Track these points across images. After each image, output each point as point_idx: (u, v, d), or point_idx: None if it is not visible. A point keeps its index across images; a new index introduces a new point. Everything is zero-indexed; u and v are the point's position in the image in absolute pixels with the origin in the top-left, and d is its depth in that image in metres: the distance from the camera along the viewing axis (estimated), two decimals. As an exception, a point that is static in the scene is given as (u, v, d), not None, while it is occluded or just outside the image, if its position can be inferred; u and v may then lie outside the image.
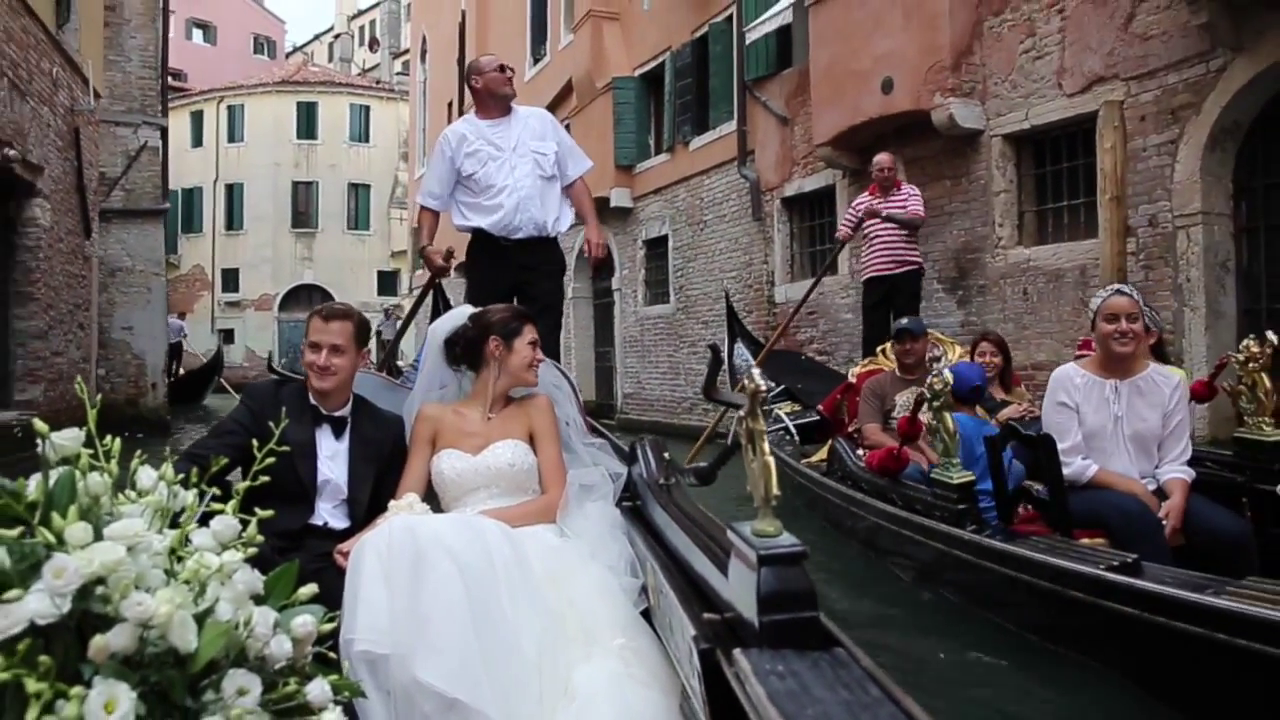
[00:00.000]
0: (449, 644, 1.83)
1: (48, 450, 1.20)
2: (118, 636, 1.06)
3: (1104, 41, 7.27)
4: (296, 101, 37.81)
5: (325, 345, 2.61)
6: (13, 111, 9.30)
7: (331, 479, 2.60)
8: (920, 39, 8.44)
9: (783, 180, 11.10)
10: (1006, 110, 8.12)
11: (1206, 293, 6.64)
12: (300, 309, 37.20)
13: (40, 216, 10.35)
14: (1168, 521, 3.38)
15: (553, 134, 4.33)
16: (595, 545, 2.34)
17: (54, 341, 10.91)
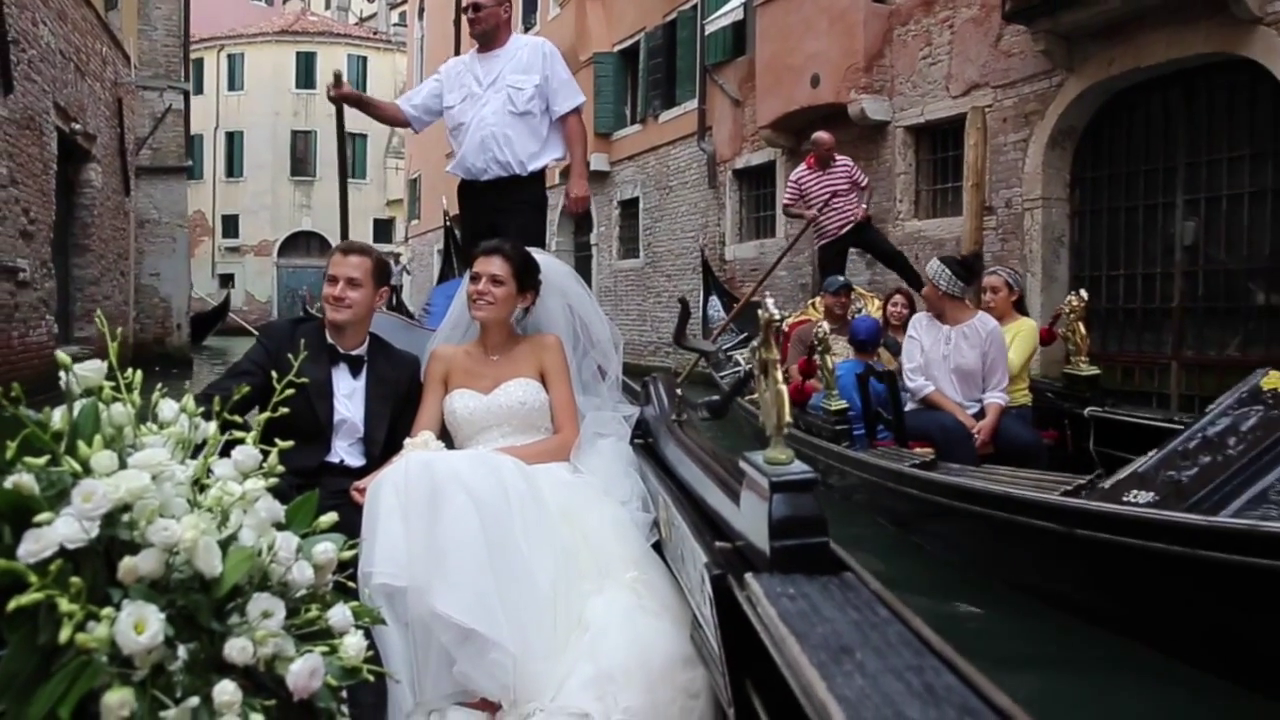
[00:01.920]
0: (465, 577, 1.86)
1: (71, 381, 1.23)
2: (145, 560, 1.10)
3: (980, 54, 8.98)
4: (295, 51, 38.71)
5: (342, 278, 2.62)
6: (76, 90, 10.96)
7: (348, 417, 2.60)
8: (841, 43, 10.14)
9: (734, 154, 12.83)
10: (908, 106, 9.85)
11: (1044, 261, 8.45)
12: (299, 255, 38.56)
13: (94, 179, 12.05)
14: (979, 435, 4.74)
15: (540, 66, 4.00)
16: (608, 481, 2.37)
17: (104, 287, 12.67)
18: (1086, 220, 8.50)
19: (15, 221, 8.85)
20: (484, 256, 2.66)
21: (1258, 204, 7.12)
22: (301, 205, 38.81)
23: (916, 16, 9.73)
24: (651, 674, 1.81)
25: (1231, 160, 7.31)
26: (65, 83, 10.56)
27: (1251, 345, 7.17)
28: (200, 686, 1.09)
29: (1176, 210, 7.76)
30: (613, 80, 15.84)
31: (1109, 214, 8.31)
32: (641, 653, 1.83)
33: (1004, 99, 8.75)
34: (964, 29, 9.16)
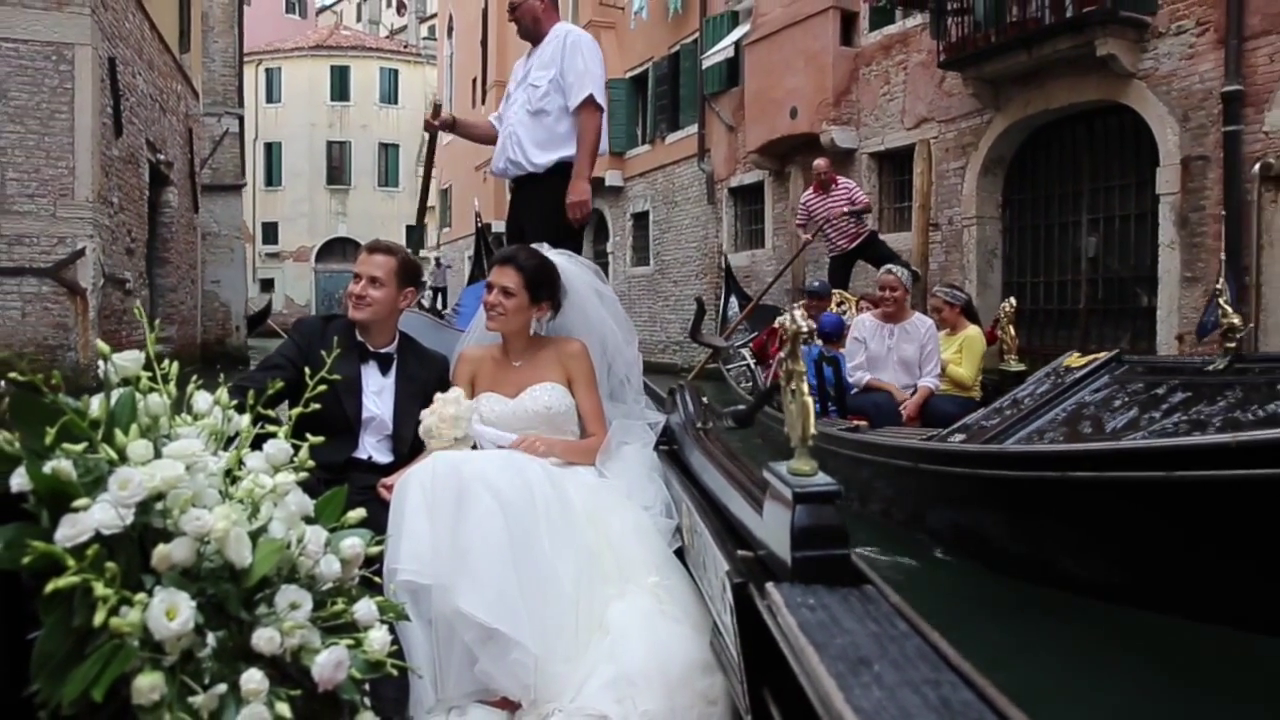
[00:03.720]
0: (489, 577, 1.89)
1: (110, 371, 1.26)
2: (178, 549, 1.12)
3: (927, 93, 10.58)
4: (330, 65, 40.28)
5: (365, 276, 2.62)
6: (160, 126, 12.80)
7: (376, 414, 2.61)
8: (814, 81, 11.77)
9: (729, 174, 14.49)
10: (871, 135, 11.46)
11: (979, 270, 10.04)
12: (335, 260, 40.34)
13: (172, 200, 13.91)
14: (905, 409, 5.49)
15: (559, 60, 3.82)
16: (632, 486, 2.36)
17: (180, 294, 14.52)
18: (1014, 235, 10.08)
19: (123, 241, 10.69)
20: (498, 266, 2.63)
21: (1140, 223, 8.68)
22: (337, 213, 40.32)
23: (878, 59, 11.34)
24: (671, 679, 1.82)
25: (1122, 187, 8.89)
26: (153, 120, 12.40)
27: (1139, 339, 8.71)
28: (228, 674, 1.11)
29: (1083, 228, 9.34)
30: (625, 104, 17.50)
31: (1032, 230, 9.90)
32: (661, 657, 1.85)
33: (946, 132, 10.35)
34: (915, 71, 10.76)
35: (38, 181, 9.37)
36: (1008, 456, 3.91)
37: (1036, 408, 4.37)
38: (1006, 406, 4.58)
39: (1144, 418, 3.90)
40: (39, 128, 9.35)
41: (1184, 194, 7.92)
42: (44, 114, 9.37)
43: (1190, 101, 7.85)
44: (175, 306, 14.10)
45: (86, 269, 9.44)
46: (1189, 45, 7.85)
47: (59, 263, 9.32)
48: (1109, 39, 8.07)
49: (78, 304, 9.43)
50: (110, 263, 10.13)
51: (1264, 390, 3.62)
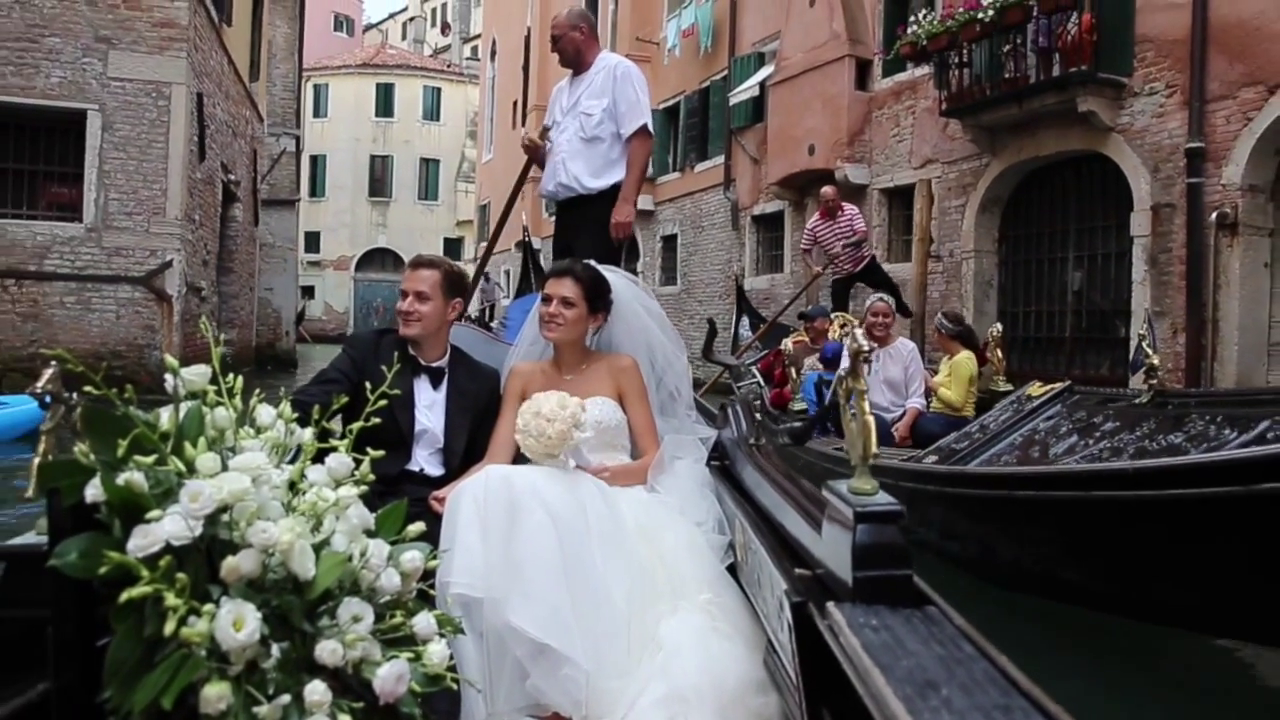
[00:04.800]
0: (541, 591, 1.90)
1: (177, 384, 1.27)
2: (245, 560, 1.14)
3: (932, 137, 11.57)
4: (376, 82, 41.76)
5: (411, 292, 2.64)
6: (232, 149, 14.06)
7: (429, 428, 2.63)
8: (830, 121, 12.79)
9: (752, 203, 15.54)
10: (882, 173, 12.46)
11: (975, 299, 10.99)
12: (374, 270, 41.70)
13: (238, 215, 15.17)
14: (897, 430, 5.78)
15: (612, 89, 4.04)
16: (684, 502, 2.34)
17: (241, 301, 15.77)
18: (1009, 268, 11.03)
19: (201, 253, 11.91)
20: (555, 278, 2.64)
21: (1119, 261, 9.61)
22: (378, 224, 41.66)
23: (889, 103, 12.35)
24: (724, 697, 1.81)
25: (1104, 228, 9.82)
26: (227, 144, 13.66)
27: (1116, 365, 9.62)
28: (291, 685, 1.13)
29: (1069, 263, 10.28)
30: (658, 133, 18.47)
31: (1025, 264, 10.84)
32: (714, 675, 1.84)
33: (949, 173, 11.33)
34: (922, 116, 11.75)
35: (135, 201, 10.60)
36: (967, 476, 4.33)
37: (999, 432, 4.84)
38: (975, 431, 5.06)
39: (1080, 443, 4.40)
40: (138, 155, 10.59)
41: (1154, 237, 8.85)
42: (143, 143, 10.61)
43: (1160, 155, 8.79)
44: (236, 312, 15.32)
45: (173, 278, 10.65)
46: (1159, 105, 8.80)
47: (150, 272, 10.54)
48: (1089, 96, 9.03)
49: (164, 309, 10.64)
50: (191, 273, 11.34)
51: (1171, 423, 4.09)
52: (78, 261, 10.50)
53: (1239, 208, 8.06)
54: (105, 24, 10.58)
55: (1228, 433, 3.83)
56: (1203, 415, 4.04)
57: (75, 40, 10.52)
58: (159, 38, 10.70)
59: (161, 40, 10.71)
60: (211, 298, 12.73)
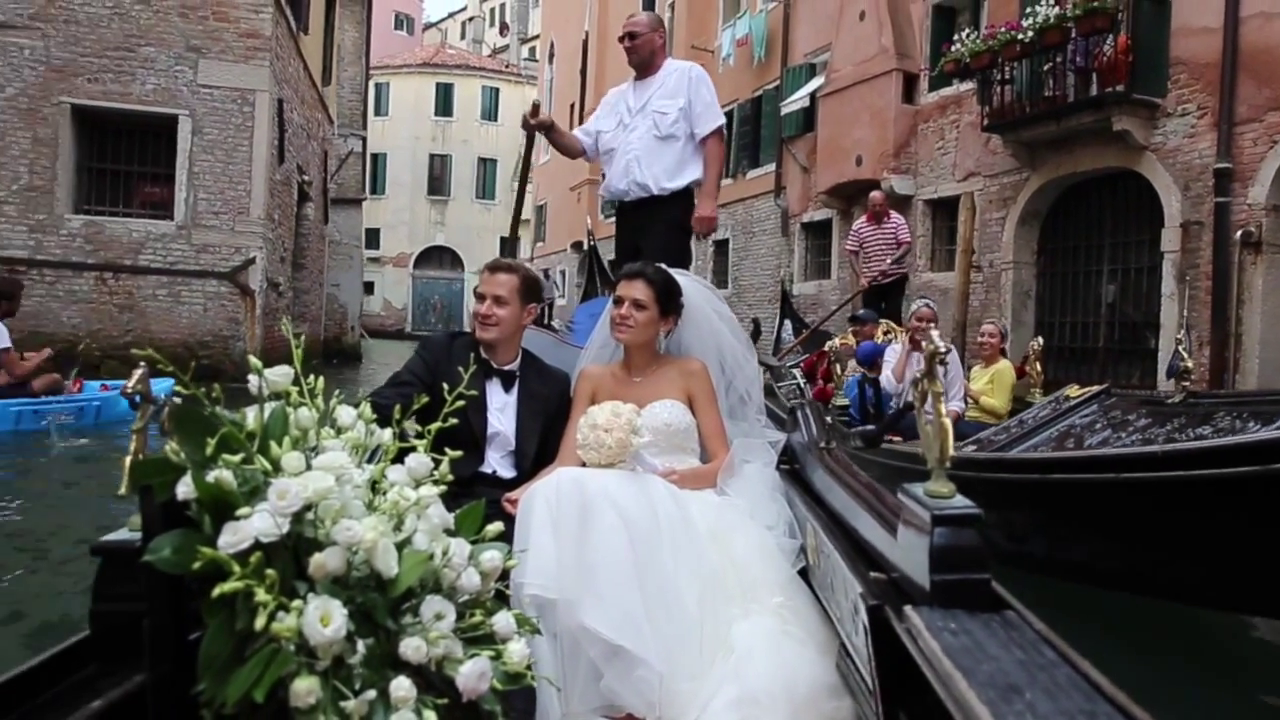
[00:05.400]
0: (614, 593, 1.92)
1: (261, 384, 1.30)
2: (331, 558, 1.16)
3: (975, 150, 11.98)
4: (436, 82, 42.62)
5: (489, 296, 2.68)
6: (306, 151, 14.88)
7: (501, 430, 2.67)
8: (877, 133, 13.24)
9: (802, 210, 16.02)
10: (926, 184, 12.88)
11: (1013, 310, 11.38)
12: (432, 267, 42.58)
13: (310, 214, 16.00)
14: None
15: (686, 90, 4.11)
16: (755, 506, 2.35)
17: (311, 296, 16.61)
18: (1047, 280, 11.41)
19: (279, 250, 12.72)
20: (627, 280, 2.66)
21: (1151, 275, 9.96)
22: (436, 222, 42.48)
23: (934, 116, 12.78)
24: (796, 700, 1.82)
25: (1137, 243, 10.17)
26: (302, 146, 14.48)
27: (1147, 376, 9.97)
28: (377, 681, 1.15)
29: (1104, 276, 10.64)
30: (711, 139, 19.11)
31: (1061, 276, 11.22)
32: (787, 678, 1.85)
33: (990, 185, 11.74)
34: (965, 130, 12.16)
35: (221, 201, 11.43)
36: (1006, 462, 4.49)
37: (1036, 427, 5.07)
38: (1013, 425, 5.32)
39: (1113, 437, 4.66)
40: (224, 158, 11.41)
41: (1183, 253, 9.21)
42: (229, 146, 11.43)
43: (1190, 174, 9.15)
44: (307, 307, 16.17)
45: (256, 274, 11.46)
46: (1191, 126, 9.16)
47: (235, 268, 11.35)
48: (1124, 116, 9.41)
49: (247, 303, 11.45)
50: (271, 269, 12.14)
51: (1200, 419, 4.35)
52: (169, 257, 11.35)
53: (1263, 227, 8.40)
54: (196, 34, 11.41)
55: (1253, 425, 4.02)
56: (1230, 412, 4.27)
57: (168, 49, 11.37)
58: (244, 47, 11.51)
59: (247, 50, 11.52)
60: (287, 293, 13.55)
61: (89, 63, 11.17)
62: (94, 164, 11.63)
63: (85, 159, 11.55)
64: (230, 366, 10.68)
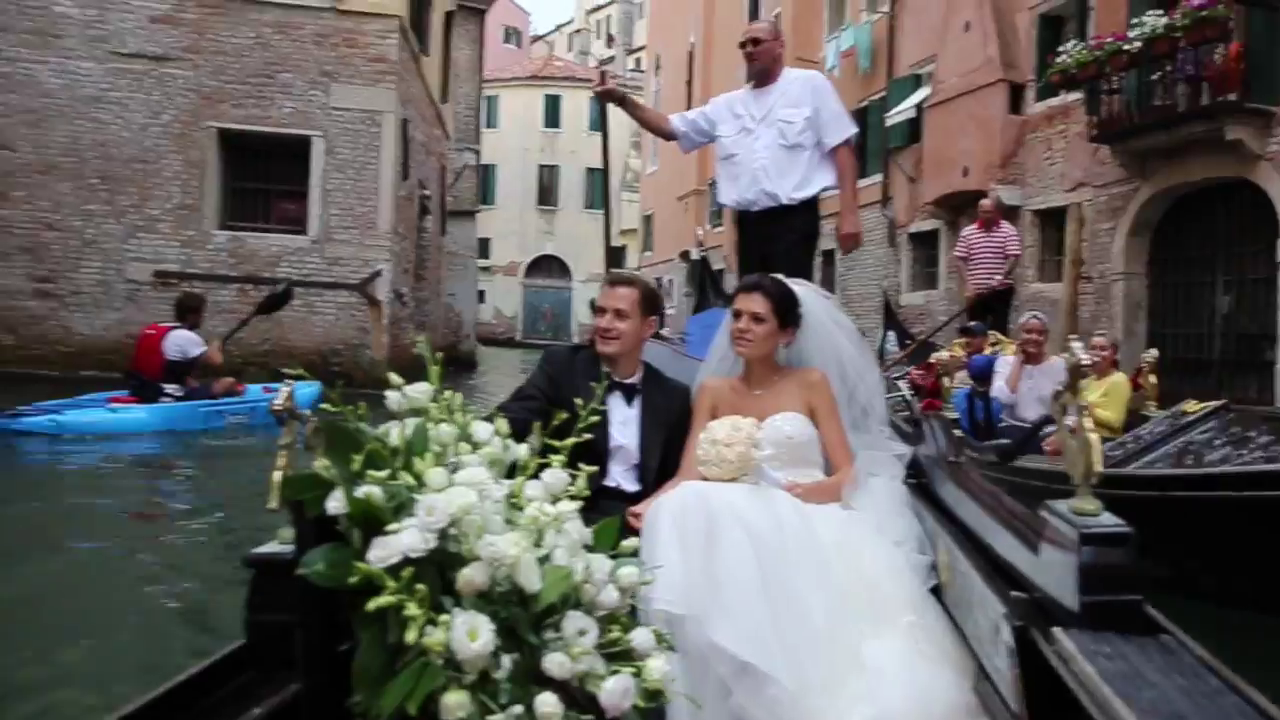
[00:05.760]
0: (741, 609, 1.89)
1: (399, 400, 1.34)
2: (477, 573, 1.17)
3: (1083, 160, 11.91)
4: (544, 94, 43.62)
5: (610, 309, 2.68)
6: (425, 166, 15.67)
7: (623, 444, 2.67)
8: (983, 144, 13.26)
9: (909, 221, 16.07)
10: (1034, 194, 12.84)
11: (1124, 321, 11.28)
12: (541, 276, 43.49)
13: (429, 226, 16.81)
14: (1049, 443, 5.58)
15: (811, 99, 4.05)
16: (882, 521, 2.31)
17: (430, 305, 17.41)
18: (1159, 291, 11.28)
19: (404, 262, 13.48)
20: (745, 293, 2.65)
21: (1269, 286, 9.77)
22: (545, 232, 43.38)
23: (1042, 126, 12.73)
24: None
25: (1252, 253, 10.00)
26: (422, 162, 15.27)
27: (1264, 390, 9.80)
28: (522, 696, 1.16)
29: (1218, 287, 10.48)
30: (816, 149, 19.27)
31: (1173, 287, 11.08)
32: (921, 700, 1.82)
33: (1099, 196, 11.66)
34: (1073, 140, 12.10)
35: (351, 217, 12.23)
36: (1125, 478, 4.45)
37: (1153, 443, 5.05)
38: (1129, 441, 5.30)
39: (1235, 454, 4.61)
40: (354, 175, 12.21)
41: (1299, 264, 9.05)
42: (358, 165, 12.22)
43: (1308, 183, 9.00)
44: (427, 316, 16.97)
45: (383, 285, 12.22)
46: (1309, 135, 9.01)
47: (363, 280, 12.12)
48: (1237, 125, 9.30)
49: (374, 313, 12.21)
50: (396, 280, 12.88)
51: None
52: (303, 269, 12.19)
53: (1384, 237, 8.23)
54: (329, 60, 12.24)
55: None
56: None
57: (304, 75, 12.23)
58: (373, 71, 12.29)
59: (375, 74, 12.29)
60: (410, 303, 14.32)
61: (234, 89, 12.11)
62: (237, 183, 12.56)
63: (229, 179, 12.48)
64: (359, 373, 11.42)
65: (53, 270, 11.88)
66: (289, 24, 12.15)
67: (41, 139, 11.79)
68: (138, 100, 11.94)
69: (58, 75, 11.78)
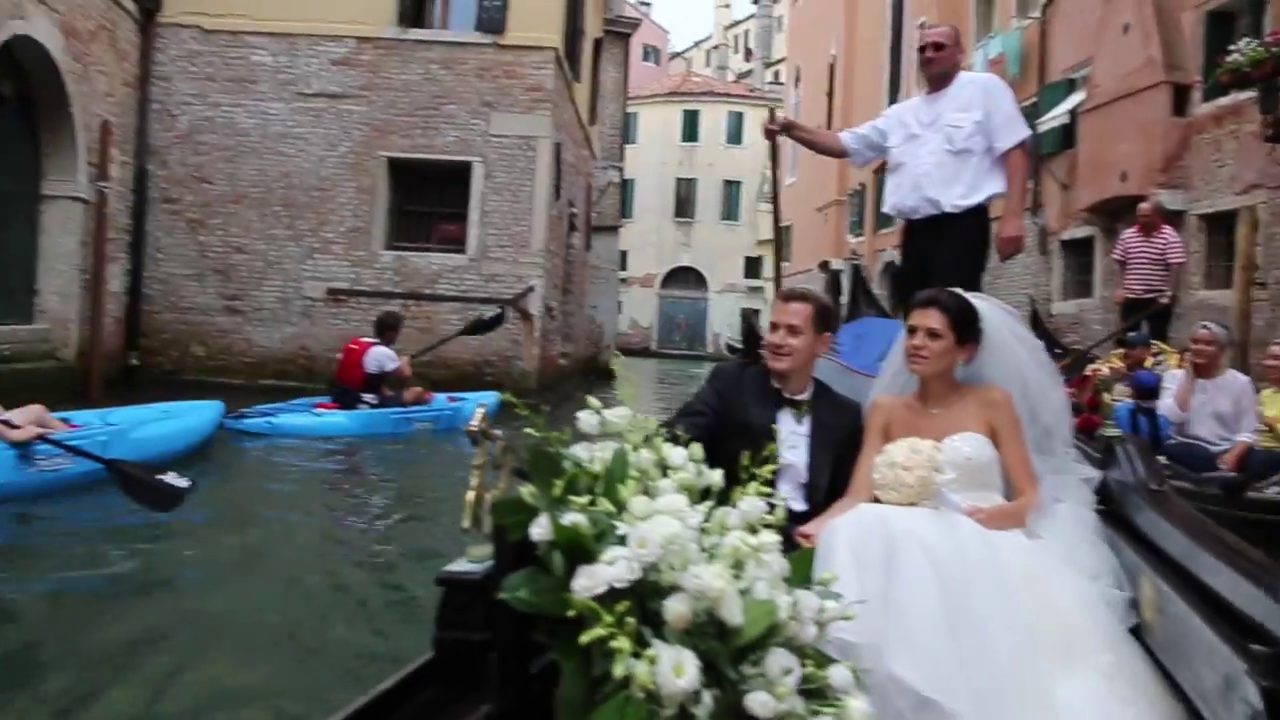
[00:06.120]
0: (923, 641, 1.80)
1: (592, 423, 1.33)
2: (680, 605, 1.14)
3: (1257, 161, 11.38)
4: (682, 109, 44.34)
5: (782, 325, 2.63)
6: (573, 186, 16.21)
7: (793, 463, 2.60)
8: (1144, 148, 12.81)
9: (1061, 228, 15.63)
10: (1201, 198, 12.33)
11: (1303, 329, 10.72)
12: (677, 287, 44.04)
13: (575, 242, 17.39)
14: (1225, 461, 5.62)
15: (983, 103, 3.90)
16: (1072, 550, 2.18)
17: (576, 318, 17.95)
18: (1342, 296, 10.68)
19: (553, 278, 14.02)
20: (920, 309, 2.54)
21: None
22: (681, 244, 44.02)
23: (1209, 127, 12.23)
24: None
25: None
26: (571, 182, 15.82)
27: None
28: None
29: None
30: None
31: (1358, 293, 10.46)
32: None
33: (1275, 198, 11.12)
34: (1246, 140, 11.57)
35: (507, 236, 12.82)
36: None
37: None
38: None
39: None
40: (510, 198, 12.80)
41: None
42: (514, 188, 12.80)
43: None
44: (572, 328, 17.52)
45: (535, 300, 12.76)
46: None
47: (517, 295, 12.67)
48: None
49: (526, 326, 12.76)
50: (547, 295, 13.40)
51: None
52: (461, 285, 12.87)
53: None
54: (489, 91, 12.89)
55: None
56: None
57: (466, 106, 12.91)
58: (530, 100, 12.87)
59: (531, 101, 12.87)
60: (558, 316, 14.85)
61: (402, 121, 12.90)
62: (402, 206, 13.33)
63: (396, 203, 13.26)
64: (510, 383, 11.96)
65: (240, 289, 12.94)
66: (453, 59, 12.88)
67: (235, 173, 12.90)
68: (317, 134, 12.89)
69: (251, 116, 12.88)
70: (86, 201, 10.96)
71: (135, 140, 12.42)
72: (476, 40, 12.95)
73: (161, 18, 12.64)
